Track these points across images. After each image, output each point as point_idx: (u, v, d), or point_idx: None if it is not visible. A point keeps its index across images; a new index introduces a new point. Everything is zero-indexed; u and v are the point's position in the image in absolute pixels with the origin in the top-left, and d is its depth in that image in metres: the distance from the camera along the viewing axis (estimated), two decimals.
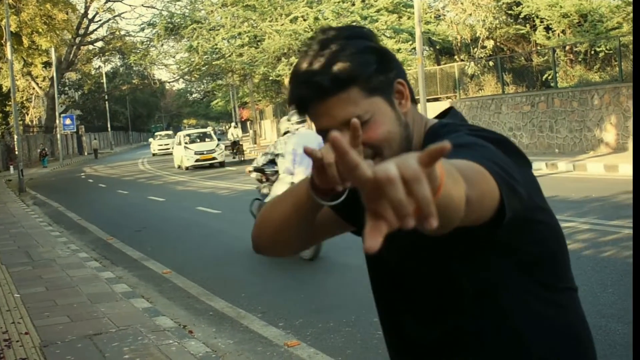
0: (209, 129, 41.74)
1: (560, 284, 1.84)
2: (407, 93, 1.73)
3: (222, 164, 35.07)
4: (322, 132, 1.69)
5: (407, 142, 1.71)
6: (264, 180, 10.70)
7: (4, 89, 52.56)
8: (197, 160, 34.92)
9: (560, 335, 1.79)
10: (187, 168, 35.03)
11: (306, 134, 9.63)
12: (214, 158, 34.97)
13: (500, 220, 1.43)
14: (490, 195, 1.38)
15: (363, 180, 1.07)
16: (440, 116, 1.90)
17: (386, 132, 1.66)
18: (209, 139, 36.95)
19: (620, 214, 11.13)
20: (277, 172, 10.19)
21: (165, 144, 60.31)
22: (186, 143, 36.46)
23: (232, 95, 73.54)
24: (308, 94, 1.66)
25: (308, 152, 1.34)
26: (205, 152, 35.09)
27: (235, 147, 40.02)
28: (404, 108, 1.72)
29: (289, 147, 9.51)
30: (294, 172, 9.44)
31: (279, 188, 9.31)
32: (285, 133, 9.89)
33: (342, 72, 1.63)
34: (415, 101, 1.78)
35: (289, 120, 9.76)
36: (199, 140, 36.89)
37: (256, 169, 10.67)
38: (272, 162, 10.33)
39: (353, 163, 1.07)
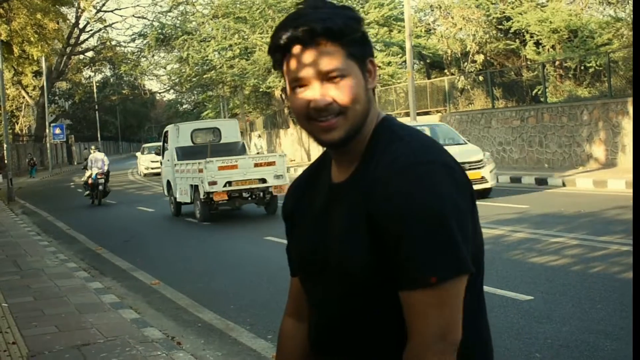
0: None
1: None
2: (375, 73, 1.81)
3: None
4: (296, 81, 1.75)
5: (364, 116, 1.77)
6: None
7: None
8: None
9: None
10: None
11: (96, 155, 24.80)
12: None
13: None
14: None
15: None
16: None
17: (355, 95, 1.74)
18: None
19: (609, 230, 11.17)
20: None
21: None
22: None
23: (222, 107, 73.50)
24: (298, 36, 1.72)
25: None
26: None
27: None
28: (370, 85, 1.79)
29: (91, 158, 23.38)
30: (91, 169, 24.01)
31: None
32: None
33: (335, 26, 1.71)
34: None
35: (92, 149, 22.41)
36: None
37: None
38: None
39: None
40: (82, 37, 66.21)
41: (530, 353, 5.99)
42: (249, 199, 17.58)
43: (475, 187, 15.04)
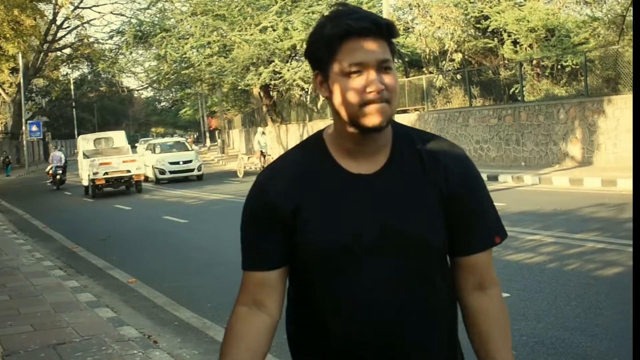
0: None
1: None
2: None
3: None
4: (356, 66, 1.91)
5: (393, 109, 1.96)
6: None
7: None
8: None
9: None
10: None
11: (56, 153, 33.56)
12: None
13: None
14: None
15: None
16: None
17: (396, 85, 1.95)
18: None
19: (585, 227, 11.26)
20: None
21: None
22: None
23: (200, 104, 73.38)
24: (369, 27, 1.91)
25: None
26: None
27: (264, 158, 31.54)
28: None
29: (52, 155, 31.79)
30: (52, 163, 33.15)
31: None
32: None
33: (392, 26, 1.95)
34: None
35: (52, 148, 30.45)
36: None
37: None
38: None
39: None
40: (59, 34, 65.76)
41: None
42: (121, 181, 27.68)
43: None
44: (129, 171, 27.25)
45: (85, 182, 28.02)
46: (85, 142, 30.09)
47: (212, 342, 7.01)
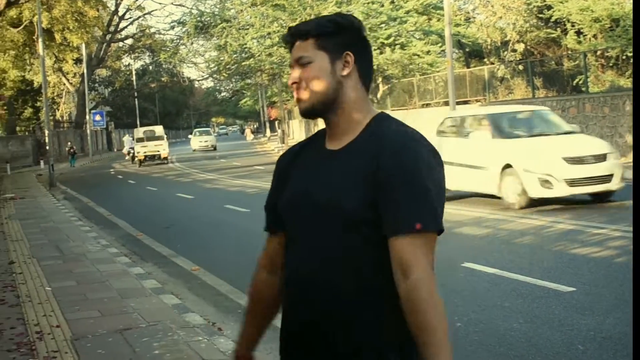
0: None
1: None
2: (352, 64, 2.28)
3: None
4: (290, 67, 2.36)
5: (327, 94, 2.27)
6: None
7: (36, 84, 53.08)
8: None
9: None
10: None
11: (126, 137, 55.29)
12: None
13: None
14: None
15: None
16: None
17: (314, 77, 2.27)
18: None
19: None
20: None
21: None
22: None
23: (260, 95, 73.70)
24: (289, 38, 2.35)
25: None
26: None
27: None
28: (343, 72, 2.28)
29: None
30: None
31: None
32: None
33: (304, 29, 2.31)
34: (367, 87, 2.33)
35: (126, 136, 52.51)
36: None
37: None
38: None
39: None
40: (121, 25, 66.75)
41: (572, 345, 5.94)
42: (154, 158, 44.59)
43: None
44: (158, 151, 44.86)
45: (136, 156, 45.70)
46: (137, 132, 48.06)
47: (275, 330, 7.03)
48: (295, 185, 2.32)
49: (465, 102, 30.55)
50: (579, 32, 29.84)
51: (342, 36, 2.28)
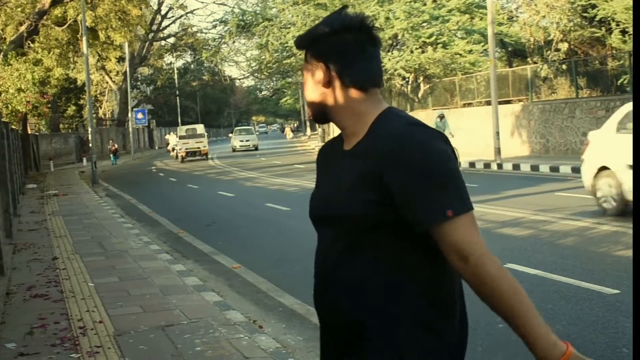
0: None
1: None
2: (328, 73, 2.30)
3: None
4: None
5: (322, 103, 2.35)
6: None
7: (79, 82, 53.68)
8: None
9: None
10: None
11: (172, 135, 56.48)
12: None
13: None
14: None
15: None
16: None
17: (305, 87, 2.40)
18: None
19: None
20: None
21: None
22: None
23: (301, 93, 73.81)
24: (297, 46, 2.44)
25: None
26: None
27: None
28: (322, 83, 2.31)
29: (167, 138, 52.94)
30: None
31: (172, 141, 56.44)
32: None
33: (304, 39, 2.38)
34: (363, 87, 2.30)
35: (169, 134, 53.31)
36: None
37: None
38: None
39: None
40: (163, 24, 67.34)
41: (617, 347, 5.87)
42: (196, 154, 47.44)
43: None
44: (199, 147, 47.69)
45: (179, 152, 48.68)
46: (180, 130, 50.44)
47: (316, 328, 7.01)
48: (317, 185, 2.46)
49: (508, 102, 30.31)
50: (624, 32, 29.44)
51: (315, 47, 2.34)
